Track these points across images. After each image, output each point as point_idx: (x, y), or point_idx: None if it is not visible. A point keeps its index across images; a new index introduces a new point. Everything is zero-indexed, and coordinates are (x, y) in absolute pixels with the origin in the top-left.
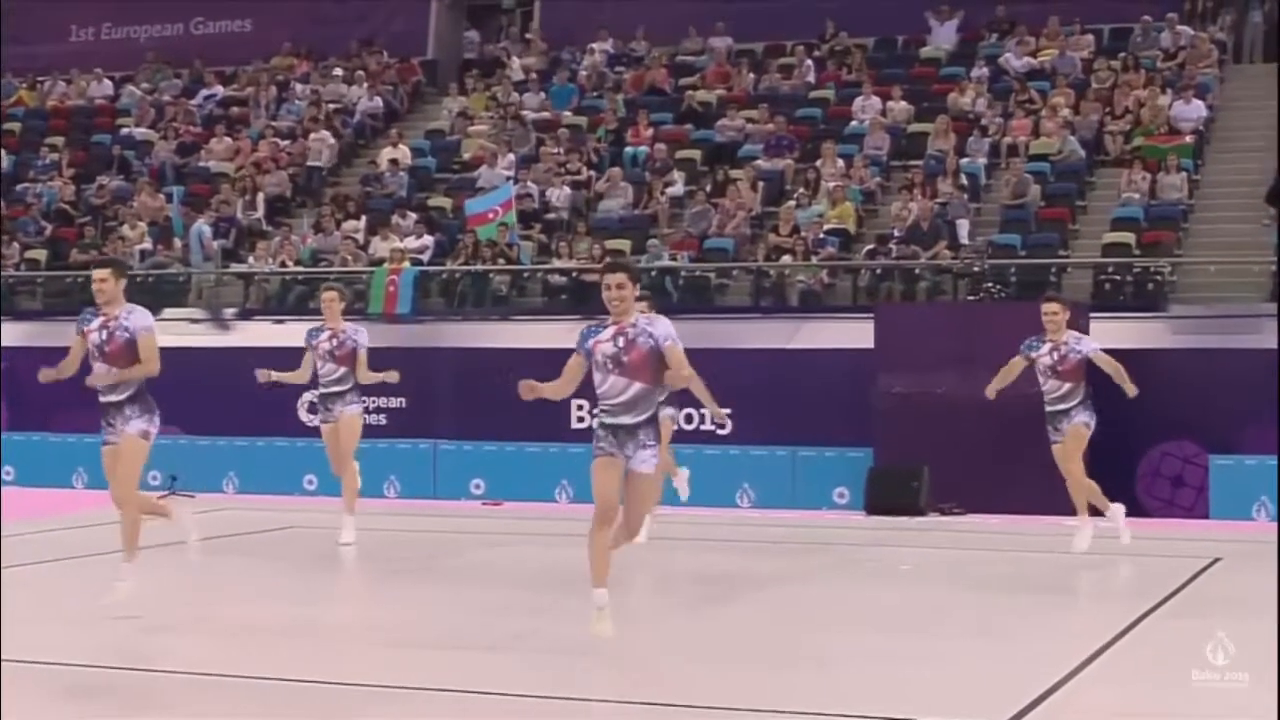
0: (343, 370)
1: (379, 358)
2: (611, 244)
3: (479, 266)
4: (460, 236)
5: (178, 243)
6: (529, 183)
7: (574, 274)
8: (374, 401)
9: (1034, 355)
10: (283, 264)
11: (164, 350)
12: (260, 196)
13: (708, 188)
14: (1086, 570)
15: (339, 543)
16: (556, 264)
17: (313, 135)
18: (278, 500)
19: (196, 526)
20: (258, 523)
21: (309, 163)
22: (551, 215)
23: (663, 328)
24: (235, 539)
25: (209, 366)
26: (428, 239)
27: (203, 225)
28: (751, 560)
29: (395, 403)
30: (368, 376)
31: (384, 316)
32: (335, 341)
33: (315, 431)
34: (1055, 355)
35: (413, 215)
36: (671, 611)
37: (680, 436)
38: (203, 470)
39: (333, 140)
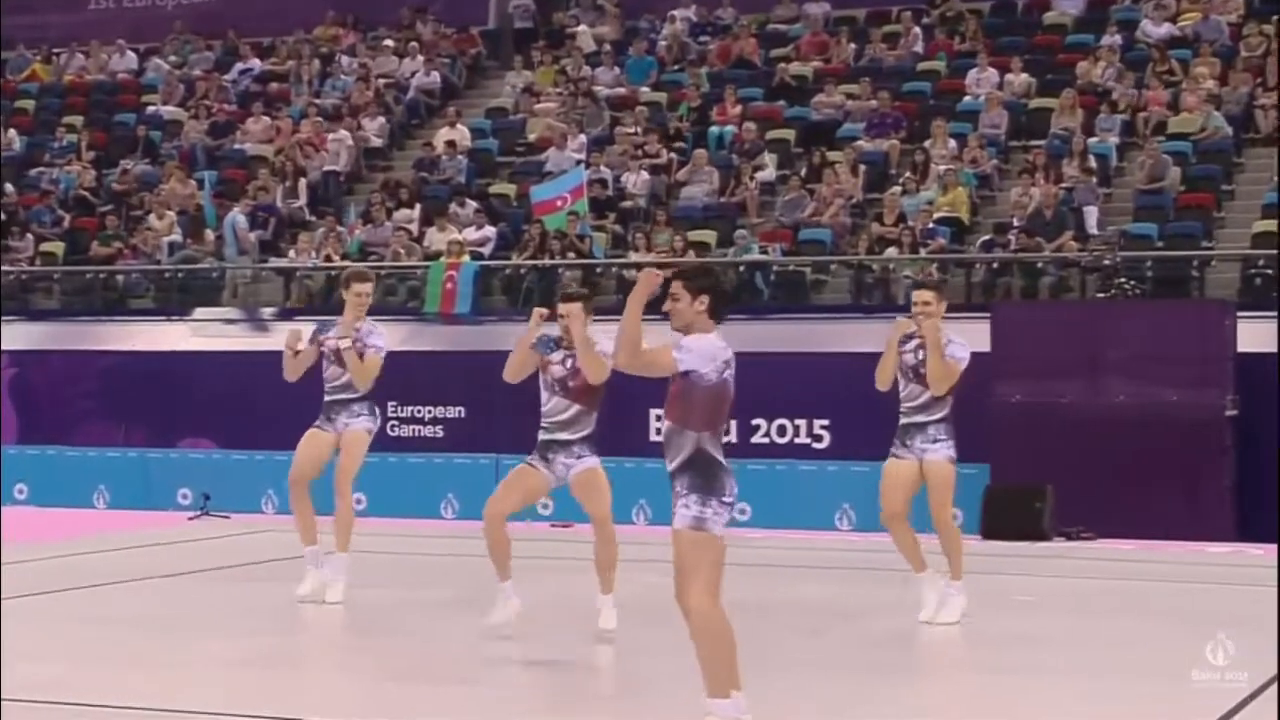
0: (349, 375)
1: (434, 363)
2: (694, 235)
3: (546, 260)
4: (525, 227)
5: (210, 234)
6: (602, 167)
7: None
8: (429, 411)
9: (903, 349)
10: (328, 258)
11: (194, 354)
12: (302, 183)
13: (802, 172)
14: (1230, 605)
15: (325, 600)
16: (633, 258)
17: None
18: (323, 522)
19: None
20: (297, 547)
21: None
22: (628, 203)
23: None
24: (270, 565)
25: (245, 372)
26: (489, 230)
27: (238, 215)
28: (852, 589)
29: (453, 413)
30: (358, 370)
31: (441, 317)
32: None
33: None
34: (920, 355)
35: (472, 203)
36: (764, 646)
37: (772, 450)
38: (238, 488)
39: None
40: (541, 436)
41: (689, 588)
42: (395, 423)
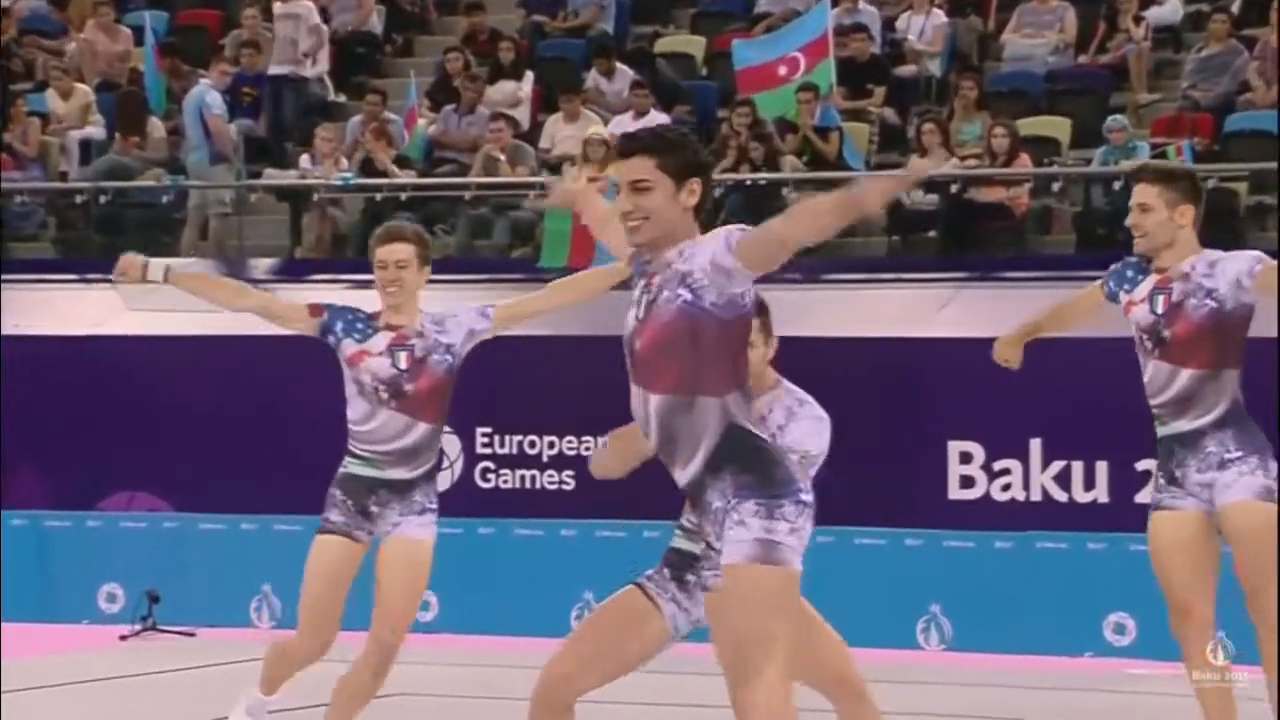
0: (423, 430)
1: (558, 359)
2: (1029, 125)
3: (757, 175)
4: (722, 115)
5: (158, 125)
6: (860, 5)
7: (952, 187)
8: (551, 445)
9: (1125, 298)
10: (367, 168)
11: (132, 341)
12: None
13: (1234, 6)
14: None
15: None
16: (914, 166)
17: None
18: (359, 638)
19: None
20: (316, 689)
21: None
22: (906, 69)
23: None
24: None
25: (221, 375)
26: (656, 120)
27: (209, 91)
28: None
29: (592, 448)
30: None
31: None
32: (403, 354)
33: None
34: (1163, 301)
35: (627, 71)
36: None
37: (1040, 515)
38: (208, 582)
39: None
40: (677, 541)
41: (751, 671)
42: (489, 465)
